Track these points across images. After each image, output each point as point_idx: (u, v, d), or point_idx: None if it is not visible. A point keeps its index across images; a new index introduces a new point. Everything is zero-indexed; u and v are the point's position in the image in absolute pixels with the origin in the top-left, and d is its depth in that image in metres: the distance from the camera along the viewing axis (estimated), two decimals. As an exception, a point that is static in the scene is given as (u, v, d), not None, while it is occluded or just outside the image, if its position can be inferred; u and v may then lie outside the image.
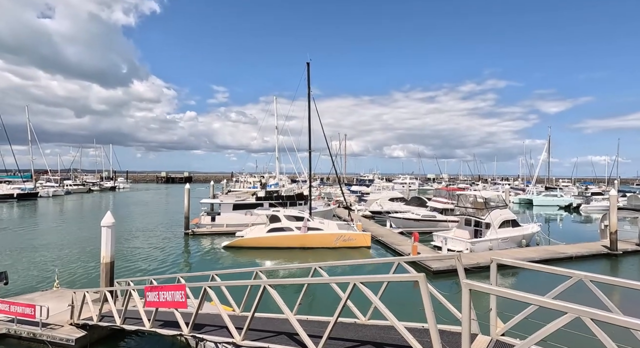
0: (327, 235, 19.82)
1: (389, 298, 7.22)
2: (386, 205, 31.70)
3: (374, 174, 74.50)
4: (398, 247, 18.62)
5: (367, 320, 5.44)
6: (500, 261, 4.54)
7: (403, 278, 3.77)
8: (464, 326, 3.19)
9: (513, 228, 19.80)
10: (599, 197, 42.69)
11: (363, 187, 51.29)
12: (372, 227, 25.20)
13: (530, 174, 63.27)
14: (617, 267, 17.30)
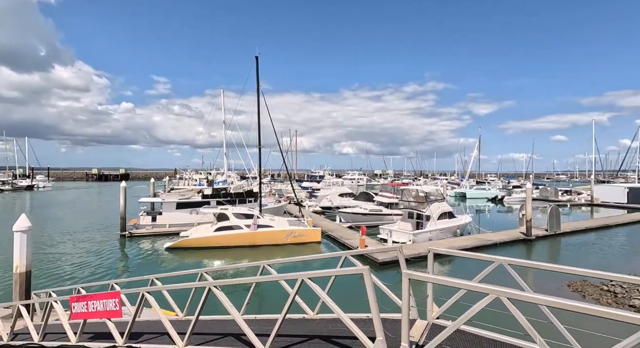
0: (277, 232, 19.67)
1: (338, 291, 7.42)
2: (336, 200, 32.45)
3: (325, 170, 75.72)
4: (347, 241, 19.23)
5: (315, 315, 5.53)
6: (436, 251, 4.92)
7: (349, 272, 3.89)
8: (404, 313, 3.40)
9: (450, 220, 21.65)
10: (518, 190, 48.60)
11: (314, 183, 51.81)
12: (322, 222, 25.63)
13: (464, 169, 69.63)
14: (531, 250, 19.90)
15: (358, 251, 5.90)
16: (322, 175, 63.71)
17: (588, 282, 12.80)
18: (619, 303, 10.85)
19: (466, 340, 4.12)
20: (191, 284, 5.73)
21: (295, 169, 73.01)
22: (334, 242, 20.49)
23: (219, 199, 24.92)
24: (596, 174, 53.23)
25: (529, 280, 13.79)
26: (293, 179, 59.74)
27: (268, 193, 35.09)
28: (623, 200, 40.19)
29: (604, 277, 4.61)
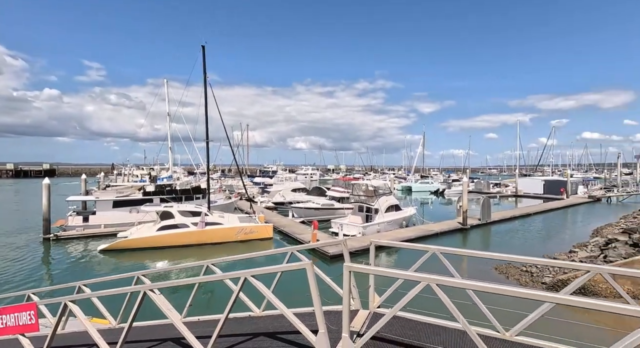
0: (227, 229, 19.04)
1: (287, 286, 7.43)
2: (289, 195, 32.36)
3: (278, 165, 74.96)
4: (299, 236, 19.32)
5: (261, 312, 5.46)
6: (377, 243, 5.14)
7: (292, 268, 3.89)
8: (345, 304, 3.50)
9: (396, 212, 22.87)
10: (457, 183, 53.00)
11: (266, 178, 51.05)
12: (274, 218, 25.40)
13: (410, 164, 73.89)
14: (467, 238, 21.88)
15: (305, 246, 5.93)
16: (274, 171, 63.01)
17: (511, 265, 14.41)
18: (534, 281, 12.44)
19: (403, 326, 4.38)
20: (125, 289, 5.28)
21: (247, 164, 71.13)
22: (286, 238, 20.45)
23: (163, 196, 23.32)
24: (520, 169, 60.21)
25: (464, 265, 15.18)
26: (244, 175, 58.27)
27: (218, 190, 33.75)
28: (540, 191, 46.00)
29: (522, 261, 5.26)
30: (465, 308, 4.39)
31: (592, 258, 14.26)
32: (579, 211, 34.65)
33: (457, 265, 17.19)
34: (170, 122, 29.27)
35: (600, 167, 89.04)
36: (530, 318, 4.02)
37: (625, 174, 65.15)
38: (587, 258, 14.23)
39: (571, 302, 2.60)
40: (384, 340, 3.93)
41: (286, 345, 4.18)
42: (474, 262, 15.21)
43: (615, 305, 2.33)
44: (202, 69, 20.29)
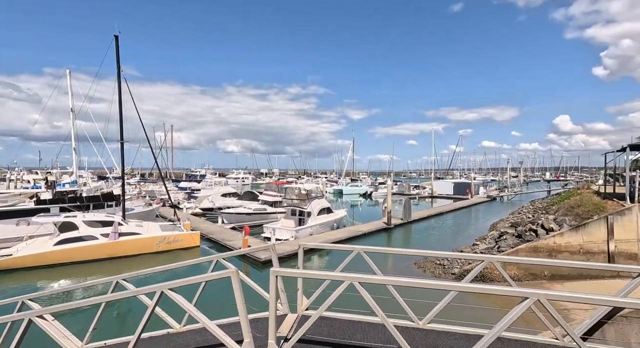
0: (146, 239, 17.19)
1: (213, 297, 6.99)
2: (218, 201, 30.79)
3: (206, 169, 70.74)
4: (228, 243, 18.49)
5: (182, 328, 5.04)
6: (305, 245, 5.21)
7: (216, 276, 3.69)
8: (271, 309, 3.45)
9: (328, 215, 23.52)
10: (383, 186, 57.00)
11: (193, 183, 47.73)
12: (202, 225, 23.87)
13: (341, 168, 76.99)
14: (391, 237, 23.62)
15: (232, 253, 5.68)
16: (203, 175, 59.31)
17: (428, 260, 15.97)
18: (445, 273, 14.01)
19: (331, 326, 4.50)
20: (5, 318, 4.36)
21: (171, 168, 65.54)
22: (215, 246, 19.36)
23: (63, 205, 20.00)
24: (435, 172, 67.79)
25: (389, 262, 16.33)
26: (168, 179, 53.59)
27: (136, 196, 30.36)
28: (451, 192, 52.29)
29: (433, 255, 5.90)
30: (387, 302, 4.71)
31: (489, 249, 16.67)
32: (480, 209, 40.30)
33: (382, 262, 18.23)
34: (74, 119, 25.36)
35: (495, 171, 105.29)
36: (439, 307, 4.51)
37: (513, 176, 78.18)
38: (486, 250, 16.60)
39: (468, 289, 3.00)
40: (311, 342, 3.98)
41: None
42: (397, 259, 16.46)
43: (498, 288, 2.77)
44: (116, 61, 18.10)
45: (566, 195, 26.26)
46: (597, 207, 15.21)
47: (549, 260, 9.24)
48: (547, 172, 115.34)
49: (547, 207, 25.74)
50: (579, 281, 11.63)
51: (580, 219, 14.88)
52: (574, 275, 11.87)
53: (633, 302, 2.66)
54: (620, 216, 12.33)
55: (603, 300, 2.76)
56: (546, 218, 17.52)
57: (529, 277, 12.31)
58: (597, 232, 12.58)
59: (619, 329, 3.89)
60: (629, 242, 11.91)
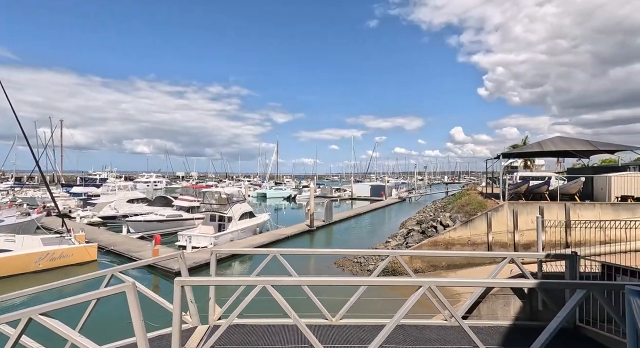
0: (20, 256, 14.09)
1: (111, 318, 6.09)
2: (123, 208, 27.20)
3: (109, 172, 61.73)
4: (135, 254, 16.44)
5: (63, 359, 4.25)
6: (218, 251, 4.95)
7: (106, 293, 3.21)
8: (175, 322, 3.16)
9: (250, 219, 22.88)
10: (306, 189, 58.16)
11: (91, 187, 41.16)
12: (102, 235, 20.75)
13: (265, 171, 75.93)
14: (314, 239, 24.19)
15: (133, 265, 5.04)
16: (104, 178, 51.52)
17: (347, 259, 16.80)
18: (362, 270, 14.95)
19: (245, 333, 4.35)
20: None
21: (60, 170, 55.25)
22: (118, 259, 16.98)
23: None
24: (354, 176, 72.24)
25: (311, 263, 16.65)
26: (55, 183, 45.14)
27: (7, 205, 24.74)
28: (368, 194, 56.36)
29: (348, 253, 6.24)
30: (303, 303, 4.77)
31: (399, 245, 18.42)
32: (392, 209, 44.33)
33: (304, 264, 18.48)
34: None
35: (405, 175, 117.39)
36: (350, 302, 4.77)
37: (419, 180, 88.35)
38: (396, 246, 18.29)
39: (373, 282, 3.25)
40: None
41: None
42: (318, 260, 16.90)
43: (397, 279, 3.07)
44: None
45: (459, 195, 30.72)
46: (481, 205, 18.18)
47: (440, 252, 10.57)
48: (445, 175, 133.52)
49: (445, 206, 29.71)
50: (467, 269, 13.68)
51: (469, 216, 17.56)
52: (464, 263, 13.91)
53: (497, 282, 3.24)
54: (496, 212, 14.98)
55: (476, 282, 3.30)
56: (444, 215, 20.19)
57: (431, 268, 13.98)
58: (480, 226, 15.03)
59: (490, 306, 4.71)
60: (502, 233, 14.55)
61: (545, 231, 12.29)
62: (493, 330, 4.36)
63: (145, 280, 13.91)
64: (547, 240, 11.81)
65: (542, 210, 14.01)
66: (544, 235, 11.96)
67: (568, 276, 4.56)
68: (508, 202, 15.07)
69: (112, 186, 32.94)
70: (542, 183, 17.81)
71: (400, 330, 4.35)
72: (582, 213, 13.77)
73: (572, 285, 3.91)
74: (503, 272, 4.67)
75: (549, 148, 17.46)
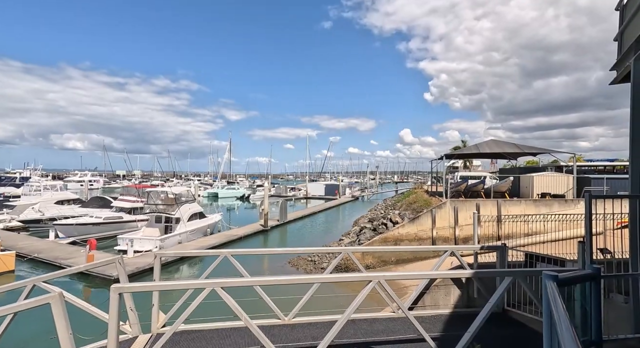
0: None
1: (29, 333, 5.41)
2: (51, 210, 24.23)
3: (32, 170, 54.36)
4: (64, 262, 14.71)
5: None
6: (162, 254, 4.66)
7: (27, 306, 2.82)
8: (110, 332, 2.89)
9: (200, 220, 21.81)
10: (260, 188, 57.09)
11: (10, 187, 35.94)
12: (22, 242, 18.26)
13: (217, 170, 73.03)
14: (268, 238, 23.84)
15: (59, 273, 4.49)
16: (26, 177, 45.29)
17: (301, 257, 16.82)
18: (316, 268, 15.09)
19: (192, 339, 4.13)
20: None
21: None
22: (42, 267, 15.07)
23: None
24: (309, 175, 72.64)
25: (265, 264, 16.37)
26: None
27: None
28: (323, 193, 57.10)
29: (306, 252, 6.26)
30: (255, 304, 4.67)
31: (352, 242, 18.94)
32: (346, 207, 45.45)
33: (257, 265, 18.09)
34: None
35: (358, 174, 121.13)
36: (303, 301, 4.79)
37: (371, 179, 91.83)
38: (350, 243, 18.79)
39: (324, 279, 3.29)
40: (167, 362, 3.54)
41: None
42: (272, 260, 16.68)
43: (348, 275, 3.15)
44: None
45: (407, 193, 32.52)
46: (426, 203, 19.44)
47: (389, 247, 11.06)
48: (395, 175, 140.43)
49: (395, 204, 31.22)
50: (414, 263, 14.54)
51: (416, 213, 18.68)
52: (411, 258, 14.76)
53: (439, 273, 3.48)
54: (439, 209, 16.14)
55: (420, 275, 3.52)
56: (393, 213, 21.22)
57: (381, 264, 14.60)
58: (426, 222, 16.07)
59: (433, 296, 5.07)
60: (444, 228, 15.72)
61: (481, 225, 13.54)
62: (435, 318, 4.69)
63: (78, 291, 12.54)
64: (482, 233, 13.03)
65: (478, 206, 15.40)
66: (480, 229, 13.18)
67: (498, 265, 5.08)
68: (450, 200, 16.30)
69: (35, 186, 29.05)
70: (478, 182, 19.57)
71: (351, 324, 4.47)
72: (511, 209, 15.42)
73: (501, 273, 4.36)
74: (445, 265, 5.05)
75: (484, 150, 19.27)
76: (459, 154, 24.30)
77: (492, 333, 4.26)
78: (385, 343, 3.90)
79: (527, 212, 14.54)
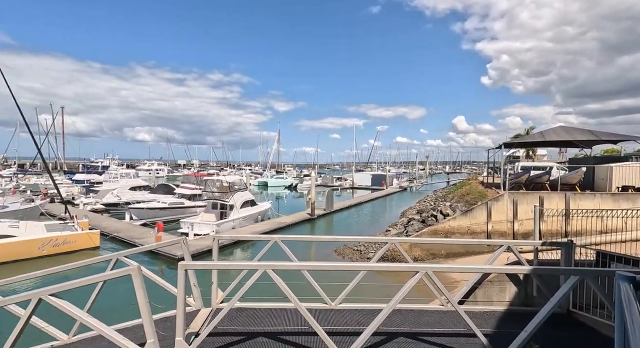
0: (23, 242, 14.32)
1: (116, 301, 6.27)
2: (126, 195, 27.41)
3: (111, 159, 61.87)
4: (138, 241, 16.68)
5: (71, 338, 4.39)
6: (220, 237, 5.05)
7: (113, 276, 3.31)
8: (179, 304, 3.26)
9: (251, 207, 23.05)
10: (307, 178, 58.25)
11: (94, 175, 41.37)
12: (105, 222, 21.01)
13: (266, 160, 75.97)
14: (314, 227, 24.41)
15: (137, 249, 5.16)
16: (106, 165, 51.73)
17: (347, 246, 16.97)
18: (362, 258, 15.15)
19: (246, 316, 4.48)
20: None
21: (63, 158, 55.48)
22: (120, 245, 17.24)
23: None
24: (355, 165, 72.20)
25: (311, 251, 16.87)
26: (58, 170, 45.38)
27: (12, 191, 24.96)
28: (369, 183, 56.44)
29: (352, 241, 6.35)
30: (303, 288, 4.88)
31: (399, 234, 18.57)
32: (393, 198, 44.49)
33: (304, 252, 18.65)
34: None
35: (406, 164, 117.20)
36: (350, 287, 4.88)
37: (421, 169, 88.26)
38: (396, 234, 18.45)
39: (371, 268, 3.33)
40: (224, 333, 3.90)
41: None
42: (318, 248, 17.12)
43: (395, 265, 3.15)
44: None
45: (459, 185, 30.76)
46: (481, 195, 18.23)
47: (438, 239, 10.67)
48: (447, 165, 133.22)
49: (446, 196, 29.77)
50: (466, 257, 13.84)
51: (469, 205, 17.65)
52: (462, 252, 14.07)
53: (492, 268, 3.31)
54: (496, 201, 15.05)
55: (471, 268, 3.37)
56: (444, 205, 20.28)
57: (430, 257, 14.15)
58: (480, 215, 15.12)
59: (486, 291, 4.82)
60: (501, 222, 14.66)
61: (545, 220, 12.36)
62: (488, 314, 4.47)
63: (148, 266, 14.17)
64: (546, 229, 11.91)
65: (542, 200, 14.06)
66: (544, 224, 12.04)
67: (563, 263, 4.64)
68: (508, 192, 15.11)
69: (114, 173, 33.13)
70: (543, 173, 17.79)
71: (398, 314, 4.47)
72: (582, 203, 13.82)
73: (566, 272, 3.99)
74: (500, 260, 4.76)
75: (551, 138, 17.37)
76: (520, 142, 22.23)
77: (553, 335, 3.95)
78: (434, 335, 3.84)
79: (603, 207, 12.90)
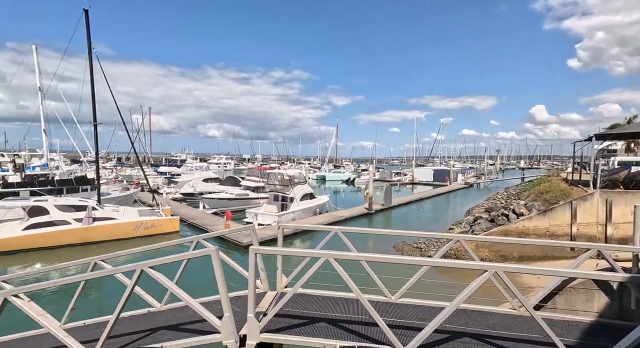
0: (122, 224, 16.87)
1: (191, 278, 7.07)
2: (199, 186, 30.39)
3: (187, 154, 69.07)
4: (210, 227, 18.45)
5: (163, 306, 5.13)
6: (285, 226, 5.35)
7: (196, 255, 3.77)
8: (250, 285, 3.59)
9: (310, 200, 23.74)
10: (365, 173, 57.69)
11: (174, 167, 46.67)
12: (182, 210, 23.61)
13: (324, 155, 77.15)
14: (372, 221, 24.20)
15: (212, 234, 5.78)
16: (183, 159, 57.98)
17: (406, 243, 16.54)
18: (423, 255, 14.61)
19: (307, 301, 4.72)
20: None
21: (150, 152, 63.62)
22: (195, 231, 19.27)
23: (33, 189, 19.21)
24: (416, 159, 69.24)
25: (369, 245, 16.82)
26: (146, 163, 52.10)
27: (112, 180, 29.46)
28: (431, 179, 53.68)
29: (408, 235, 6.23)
30: (362, 279, 4.94)
31: (464, 233, 17.43)
32: (457, 195, 41.72)
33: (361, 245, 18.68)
34: (43, 99, 24.03)
35: (474, 159, 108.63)
36: (411, 282, 4.80)
37: (490, 164, 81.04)
38: (461, 234, 17.35)
39: (435, 263, 3.24)
40: (288, 316, 4.17)
41: (191, 334, 4.06)
42: (376, 243, 16.98)
43: (461, 262, 3.01)
44: (86, 37, 17.12)
45: (537, 181, 27.55)
46: (564, 193, 16.12)
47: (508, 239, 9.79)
48: (522, 160, 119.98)
49: (520, 193, 26.96)
50: (543, 261, 12.45)
51: (548, 204, 15.75)
52: (539, 256, 12.68)
53: (577, 272, 2.97)
54: (583, 201, 13.18)
55: (550, 271, 3.06)
56: (518, 203, 18.42)
57: (499, 259, 13.04)
58: (562, 216, 13.42)
59: (568, 299, 4.31)
60: (589, 225, 12.81)
61: (648, 225, 10.48)
62: (570, 324, 4.01)
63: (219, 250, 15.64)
64: (649, 235, 10.09)
65: (645, 200, 11.91)
66: (646, 229, 10.22)
67: (673, 275, 3.92)
68: (600, 191, 13.13)
69: (190, 166, 37.06)
70: (648, 170, 15.05)
71: (462, 314, 4.28)
72: None
73: (678, 285, 3.37)
74: (586, 267, 4.20)
75: (661, 127, 14.53)
76: (617, 132, 19.02)
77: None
78: (503, 340, 3.59)
79: None
